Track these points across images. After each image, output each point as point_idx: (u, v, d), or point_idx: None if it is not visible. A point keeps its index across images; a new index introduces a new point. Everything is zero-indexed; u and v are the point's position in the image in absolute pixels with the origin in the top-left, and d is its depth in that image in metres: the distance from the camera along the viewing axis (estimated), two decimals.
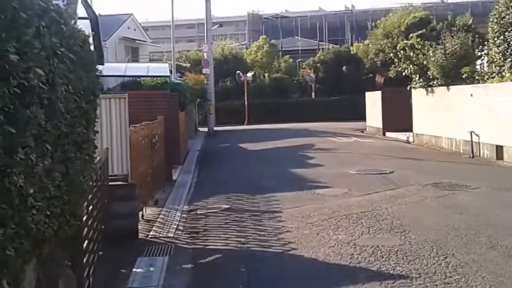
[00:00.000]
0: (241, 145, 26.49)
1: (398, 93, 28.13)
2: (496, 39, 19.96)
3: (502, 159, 17.86)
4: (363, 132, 32.55)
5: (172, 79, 26.57)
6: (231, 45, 60.58)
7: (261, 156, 22.14)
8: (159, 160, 14.95)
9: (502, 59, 19.80)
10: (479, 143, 19.35)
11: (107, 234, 9.01)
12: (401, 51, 26.32)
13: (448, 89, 22.27)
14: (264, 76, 50.35)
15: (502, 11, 19.54)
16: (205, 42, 37.67)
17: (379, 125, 30.55)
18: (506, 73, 19.47)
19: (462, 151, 20.51)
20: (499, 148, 18.15)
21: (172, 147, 17.61)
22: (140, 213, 11.14)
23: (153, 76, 24.04)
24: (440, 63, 22.82)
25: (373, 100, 32.00)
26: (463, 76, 21.51)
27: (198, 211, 11.99)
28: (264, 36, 59.34)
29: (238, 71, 47.01)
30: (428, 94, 24.08)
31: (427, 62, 23.84)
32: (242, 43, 74.15)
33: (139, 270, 7.97)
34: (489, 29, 20.60)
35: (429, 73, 23.61)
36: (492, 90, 19.07)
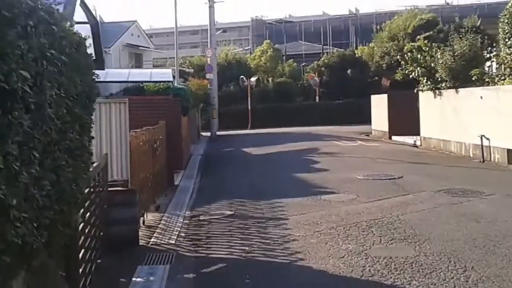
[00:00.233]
0: (245, 150, 26.10)
1: (405, 96, 27.73)
2: (508, 40, 19.53)
3: None
4: (369, 136, 32.09)
5: (175, 84, 26.24)
6: (235, 50, 60.33)
7: (265, 161, 21.74)
8: (161, 165, 14.59)
9: None
10: (490, 147, 18.87)
11: (106, 241, 8.74)
12: (408, 53, 25.93)
13: (457, 92, 21.83)
14: (268, 81, 50.05)
15: None
16: (209, 47, 37.39)
17: (385, 129, 30.09)
18: None
19: (472, 155, 20.06)
20: (511, 152, 17.68)
21: (174, 152, 17.29)
22: (141, 219, 10.88)
23: (156, 82, 23.75)
24: (449, 65, 22.38)
25: (379, 103, 31.56)
26: (473, 78, 21.07)
27: (201, 217, 11.64)
28: (268, 41, 59.00)
29: (242, 76, 46.67)
30: (436, 97, 23.64)
31: (435, 64, 23.43)
32: (246, 48, 73.91)
33: (139, 280, 7.65)
34: (500, 30, 20.15)
35: (437, 76, 23.17)
36: (503, 92, 18.56)
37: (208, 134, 36.29)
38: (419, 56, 24.74)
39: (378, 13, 77.61)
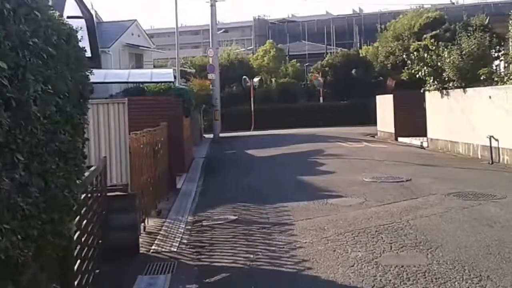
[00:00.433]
0: (248, 152, 25.71)
1: (411, 96, 27.39)
2: None
3: None
4: (374, 137, 31.76)
5: (177, 85, 25.84)
6: (237, 50, 59.96)
7: (269, 163, 21.34)
8: (162, 168, 14.19)
9: None
10: (499, 148, 18.45)
11: (105, 249, 8.34)
12: (415, 53, 25.51)
13: (465, 92, 21.40)
14: (271, 81, 49.69)
15: None
16: (211, 47, 36.93)
17: (391, 130, 29.72)
18: None
19: (480, 157, 19.65)
20: None
21: (176, 155, 16.89)
22: (142, 225, 10.51)
23: (157, 82, 23.36)
24: (456, 65, 21.96)
25: (385, 104, 31.18)
26: (481, 78, 20.65)
27: (204, 223, 11.26)
28: (271, 41, 58.65)
29: (245, 76, 46.37)
30: (443, 97, 23.23)
31: (442, 64, 23.00)
32: (248, 48, 73.53)
33: None
34: (510, 28, 19.72)
35: (445, 75, 22.74)
36: None
37: (211, 136, 35.88)
38: (426, 56, 24.35)
39: (382, 13, 77.27)
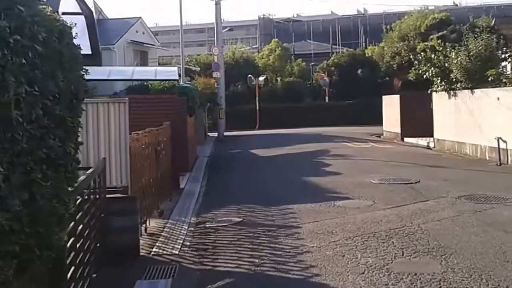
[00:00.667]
0: (253, 151, 25.37)
1: (417, 97, 27.06)
2: None
3: None
4: (380, 137, 31.40)
5: (181, 83, 25.49)
6: (242, 49, 59.60)
7: (274, 163, 21.02)
8: (165, 168, 13.85)
9: None
10: (507, 150, 18.15)
11: (104, 252, 8.02)
12: (422, 53, 25.18)
13: (472, 93, 21.08)
14: (277, 80, 49.33)
15: None
16: (216, 45, 36.55)
17: (397, 130, 29.36)
18: None
19: (488, 158, 19.35)
20: None
21: (180, 154, 16.53)
22: (143, 226, 10.19)
23: (161, 80, 23.01)
24: (464, 66, 21.64)
25: (391, 104, 30.82)
26: (489, 79, 20.33)
27: (207, 224, 10.92)
28: (276, 39, 58.23)
29: (250, 75, 46.01)
30: (451, 98, 22.91)
31: (449, 65, 22.68)
32: (254, 47, 73.13)
33: None
34: None
35: (452, 76, 22.41)
36: None
37: (215, 135, 35.56)
38: (433, 56, 24.05)
39: (387, 14, 76.83)
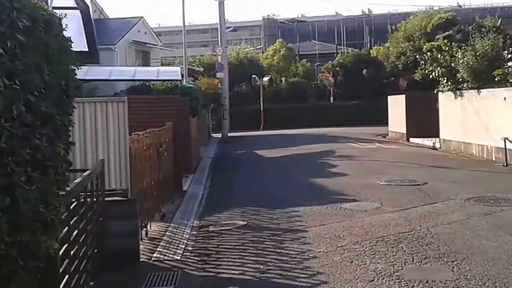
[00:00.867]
0: (257, 152, 25.09)
1: (423, 97, 26.84)
2: None
3: None
4: (385, 138, 31.14)
5: (184, 83, 25.20)
6: (247, 49, 59.36)
7: (279, 164, 20.72)
8: (168, 170, 13.54)
9: None
10: None
11: (103, 258, 7.70)
12: (428, 53, 24.90)
13: (479, 93, 20.80)
14: (281, 81, 49.07)
15: None
16: (219, 45, 36.24)
17: (403, 130, 29.09)
18: None
19: (495, 159, 19.06)
20: None
21: (183, 155, 16.25)
22: (144, 230, 9.88)
23: (164, 80, 22.72)
24: (471, 65, 21.35)
25: (397, 104, 30.56)
26: (496, 79, 20.04)
27: (210, 228, 10.61)
28: (281, 40, 57.95)
29: (254, 75, 45.81)
30: (457, 98, 22.63)
31: (455, 65, 22.39)
32: (258, 48, 72.85)
33: None
34: None
35: (459, 76, 22.11)
36: None
37: (219, 136, 35.30)
38: (439, 56, 23.77)
39: (392, 14, 76.49)
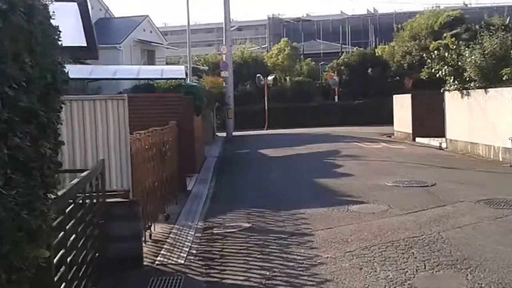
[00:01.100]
0: (262, 151, 24.84)
1: (429, 96, 26.56)
2: None
3: None
4: (391, 137, 30.82)
5: (188, 82, 24.92)
6: (251, 48, 59.13)
7: (284, 164, 20.45)
8: (171, 170, 13.27)
9: None
10: None
11: (105, 262, 7.42)
12: (435, 52, 24.57)
13: (486, 92, 20.51)
14: (286, 80, 48.82)
15: None
16: (224, 44, 35.96)
17: (409, 130, 28.82)
18: None
19: (502, 159, 18.81)
20: None
21: (187, 155, 15.97)
22: (148, 232, 9.62)
23: (168, 79, 22.46)
24: (478, 64, 21.01)
25: (402, 104, 30.28)
26: (503, 78, 19.71)
27: (214, 230, 10.34)
28: (286, 39, 57.59)
29: (259, 74, 45.68)
30: (464, 97, 22.33)
31: (463, 64, 22.07)
32: (263, 47, 72.60)
33: None
34: None
35: (466, 75, 21.78)
36: None
37: (224, 135, 35.07)
38: (447, 55, 23.44)
39: (397, 13, 76.10)
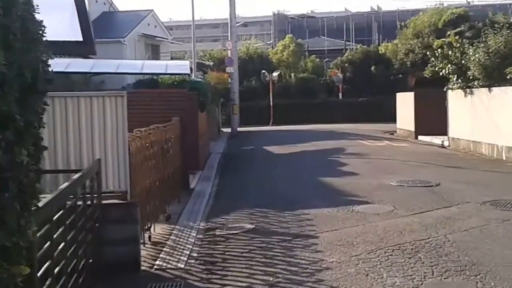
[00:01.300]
0: (266, 148, 24.71)
1: (432, 94, 26.25)
2: None
3: None
4: (394, 135, 30.71)
5: (192, 77, 24.70)
6: (256, 44, 59.04)
7: (288, 161, 20.31)
8: (174, 168, 12.96)
9: None
10: None
11: (100, 267, 7.15)
12: (438, 50, 24.35)
13: (490, 91, 20.38)
14: (290, 76, 48.74)
15: None
16: (229, 40, 35.74)
17: (411, 128, 28.67)
18: None
19: (505, 158, 18.69)
20: None
21: (190, 152, 15.69)
22: (147, 234, 9.37)
23: (172, 74, 22.21)
24: (482, 63, 20.79)
25: (405, 102, 30.10)
26: (508, 77, 19.48)
27: (217, 232, 10.08)
28: (291, 35, 57.49)
29: (264, 71, 45.68)
30: (467, 96, 22.21)
31: (466, 62, 21.86)
32: (268, 43, 72.47)
33: None
34: None
35: (469, 73, 21.57)
36: None
37: (229, 130, 34.93)
38: (450, 53, 23.23)
39: (401, 11, 75.86)
